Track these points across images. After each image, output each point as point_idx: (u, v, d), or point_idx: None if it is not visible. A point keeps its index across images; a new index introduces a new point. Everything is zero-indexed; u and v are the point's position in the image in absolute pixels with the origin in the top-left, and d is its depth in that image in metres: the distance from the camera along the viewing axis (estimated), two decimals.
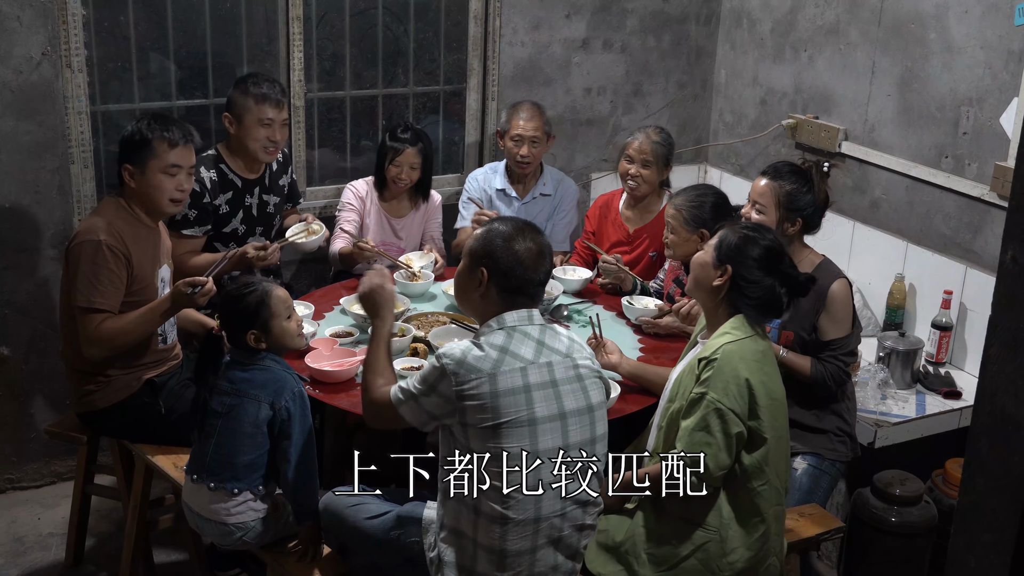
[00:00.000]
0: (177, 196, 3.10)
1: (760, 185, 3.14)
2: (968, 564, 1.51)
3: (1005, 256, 1.40)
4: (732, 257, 2.59)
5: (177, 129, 3.07)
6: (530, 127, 4.00)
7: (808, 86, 4.30)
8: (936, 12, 3.67)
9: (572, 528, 2.41)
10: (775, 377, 2.56)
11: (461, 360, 2.31)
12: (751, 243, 2.60)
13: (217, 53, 4.01)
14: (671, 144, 3.86)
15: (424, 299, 3.64)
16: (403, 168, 3.89)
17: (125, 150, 3.05)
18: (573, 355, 2.42)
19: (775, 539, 2.56)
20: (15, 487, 3.93)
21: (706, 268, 2.64)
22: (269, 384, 2.67)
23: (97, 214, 3.05)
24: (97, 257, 2.93)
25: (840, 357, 3.06)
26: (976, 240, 3.61)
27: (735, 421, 2.44)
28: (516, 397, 2.30)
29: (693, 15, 4.71)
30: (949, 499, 3.39)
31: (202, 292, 2.95)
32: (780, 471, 2.55)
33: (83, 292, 2.93)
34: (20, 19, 3.51)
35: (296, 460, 2.65)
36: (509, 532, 2.32)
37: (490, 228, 2.47)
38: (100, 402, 3.10)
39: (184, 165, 3.08)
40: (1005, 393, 1.42)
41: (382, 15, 4.28)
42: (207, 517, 2.71)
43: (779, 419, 2.55)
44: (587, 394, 2.41)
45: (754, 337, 2.55)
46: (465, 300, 2.52)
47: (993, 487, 1.45)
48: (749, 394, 2.46)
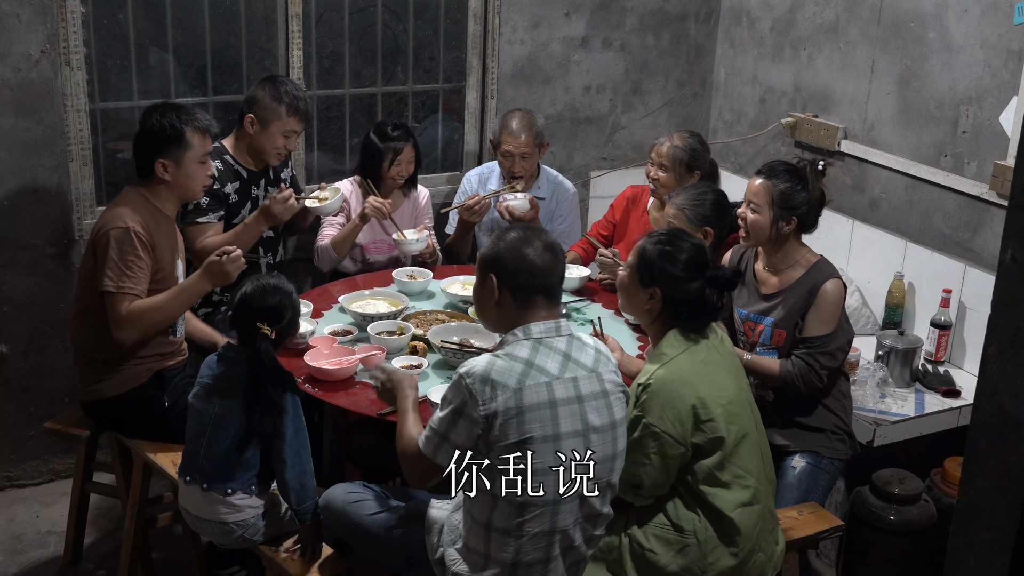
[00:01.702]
0: (208, 182, 3.21)
1: (755, 184, 3.13)
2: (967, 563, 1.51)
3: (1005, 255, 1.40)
4: (656, 277, 2.58)
5: (202, 117, 3.14)
6: (519, 143, 3.96)
7: (807, 85, 4.30)
8: (935, 11, 3.67)
9: (583, 539, 2.40)
10: (726, 378, 2.57)
11: (485, 377, 2.26)
12: (671, 259, 2.58)
13: (216, 51, 4.01)
14: (695, 150, 3.72)
15: (423, 297, 3.64)
16: (403, 166, 3.90)
17: (158, 144, 3.05)
18: (599, 369, 2.40)
19: (756, 532, 2.56)
20: (14, 485, 3.93)
21: (633, 292, 2.64)
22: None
23: (121, 204, 3.06)
24: (125, 243, 2.96)
25: (815, 356, 3.01)
26: (975, 239, 3.61)
27: (672, 443, 2.47)
28: (541, 412, 2.27)
29: (692, 13, 4.71)
30: (948, 498, 3.39)
31: (231, 258, 3.01)
32: (751, 468, 2.55)
33: (112, 277, 2.95)
34: (19, 17, 3.51)
35: (291, 459, 2.63)
36: (524, 545, 2.31)
37: (497, 236, 2.47)
38: (107, 391, 3.10)
39: (209, 151, 3.18)
40: (1004, 392, 1.42)
41: (381, 13, 4.27)
42: (205, 518, 2.70)
43: (742, 416, 2.56)
44: (611, 410, 2.38)
45: (690, 349, 2.55)
46: (485, 314, 2.48)
47: (992, 486, 1.46)
48: (692, 413, 2.48)
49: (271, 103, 3.56)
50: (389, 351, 3.12)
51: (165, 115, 3.07)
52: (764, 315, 3.13)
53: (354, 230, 3.82)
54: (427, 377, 3.05)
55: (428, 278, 3.69)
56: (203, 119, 3.14)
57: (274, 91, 3.57)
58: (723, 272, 2.64)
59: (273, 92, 3.57)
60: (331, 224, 3.93)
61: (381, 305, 3.45)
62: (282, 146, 3.63)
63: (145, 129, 3.08)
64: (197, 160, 3.10)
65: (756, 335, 3.14)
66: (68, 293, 3.81)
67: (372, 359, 3.03)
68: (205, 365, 2.74)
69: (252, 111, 3.58)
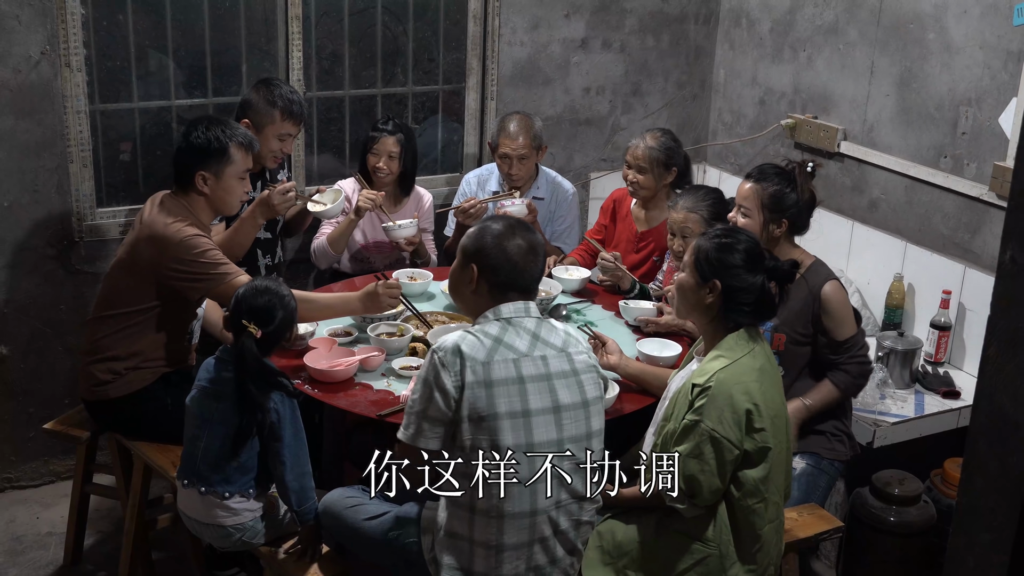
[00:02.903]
0: (245, 198, 3.25)
1: (744, 188, 3.12)
2: (967, 564, 1.51)
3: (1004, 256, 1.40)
4: (717, 271, 2.53)
5: (244, 134, 3.18)
6: (516, 146, 3.96)
7: (807, 86, 4.30)
8: (935, 12, 3.68)
9: (569, 523, 2.41)
10: (775, 391, 2.54)
11: (455, 349, 2.32)
12: (730, 250, 2.54)
13: (216, 52, 4.01)
14: (670, 147, 3.76)
15: (423, 298, 3.64)
16: (381, 157, 3.89)
17: (201, 157, 3.08)
18: (568, 349, 2.43)
19: (774, 548, 2.55)
20: (14, 486, 3.93)
21: (692, 290, 2.58)
22: None
23: (169, 213, 3.07)
24: (198, 243, 3.01)
25: (857, 355, 3.07)
26: (975, 240, 3.61)
27: (730, 448, 2.42)
28: (509, 387, 2.31)
29: (692, 15, 4.71)
30: (947, 499, 3.39)
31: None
32: (779, 484, 2.54)
33: (212, 275, 3.00)
34: (19, 18, 3.51)
35: (290, 462, 2.64)
36: (506, 526, 2.33)
37: (482, 227, 2.49)
38: (114, 392, 3.11)
39: (250, 168, 3.22)
40: (1004, 393, 1.42)
41: (381, 15, 4.28)
42: (203, 521, 2.70)
43: (781, 430, 2.53)
44: (583, 389, 2.41)
45: (751, 354, 2.49)
46: (458, 296, 2.56)
47: (992, 487, 1.45)
48: (747, 419, 2.43)
49: (265, 107, 3.56)
50: (389, 352, 3.12)
51: (211, 128, 3.10)
52: None
53: (349, 225, 3.83)
54: None
55: (428, 279, 3.69)
56: (246, 136, 3.17)
57: (268, 94, 3.58)
58: (782, 264, 2.59)
59: (267, 95, 3.57)
60: (329, 223, 3.93)
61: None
62: (277, 149, 3.63)
63: (189, 141, 3.11)
64: (238, 176, 3.14)
65: None
66: (68, 294, 3.81)
67: (371, 360, 3.03)
68: (203, 368, 2.74)
69: (247, 115, 3.58)
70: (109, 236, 3.82)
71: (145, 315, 3.09)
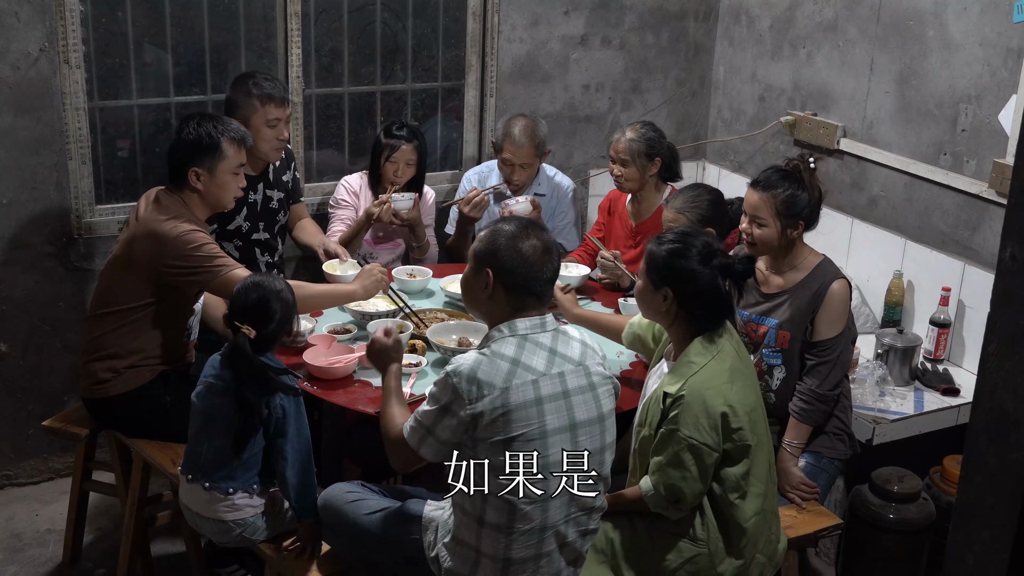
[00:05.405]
0: (239, 194, 3.24)
1: (754, 199, 3.07)
2: (966, 561, 1.51)
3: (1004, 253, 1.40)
4: (666, 278, 2.55)
5: (237, 128, 3.16)
6: (521, 153, 3.96)
7: (806, 83, 4.29)
8: (935, 9, 3.67)
9: (577, 534, 2.40)
10: (748, 387, 2.55)
11: (471, 376, 2.27)
12: (679, 256, 2.55)
13: (215, 49, 4.00)
14: (650, 138, 3.77)
15: (422, 296, 3.64)
16: (399, 165, 3.89)
17: (193, 153, 3.08)
18: (586, 362, 2.40)
19: (762, 540, 2.57)
20: (13, 483, 3.93)
21: (649, 298, 2.59)
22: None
23: (166, 211, 3.06)
24: (194, 238, 3.01)
25: (825, 360, 3.01)
26: (974, 237, 3.61)
27: (709, 453, 2.44)
28: (528, 411, 2.28)
29: (691, 11, 4.71)
30: (947, 496, 3.39)
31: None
32: (762, 476, 2.55)
33: (209, 267, 3.00)
34: (18, 15, 3.50)
35: (293, 458, 2.64)
36: (515, 542, 2.31)
37: (494, 229, 2.44)
38: (113, 390, 3.11)
39: (243, 163, 3.20)
40: (1003, 390, 1.42)
41: (380, 11, 4.27)
42: (205, 516, 2.71)
43: (759, 424, 2.55)
44: (599, 403, 2.39)
45: (719, 356, 2.51)
46: (473, 303, 2.49)
47: (991, 484, 1.46)
48: (723, 422, 2.45)
49: (244, 99, 3.58)
50: None
51: (202, 124, 3.09)
52: (767, 315, 3.11)
53: (362, 229, 3.84)
54: (426, 376, 3.05)
55: (428, 276, 3.69)
56: (239, 130, 3.17)
57: (243, 87, 3.59)
58: (733, 260, 2.58)
59: (242, 89, 3.59)
60: (340, 220, 3.93)
61: (380, 303, 3.44)
62: (272, 137, 3.62)
63: (181, 137, 3.10)
64: (231, 171, 3.13)
65: (760, 337, 3.11)
66: (67, 292, 3.81)
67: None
68: (208, 364, 2.74)
69: (234, 115, 3.57)
70: (108, 233, 3.82)
71: (142, 312, 3.09)
